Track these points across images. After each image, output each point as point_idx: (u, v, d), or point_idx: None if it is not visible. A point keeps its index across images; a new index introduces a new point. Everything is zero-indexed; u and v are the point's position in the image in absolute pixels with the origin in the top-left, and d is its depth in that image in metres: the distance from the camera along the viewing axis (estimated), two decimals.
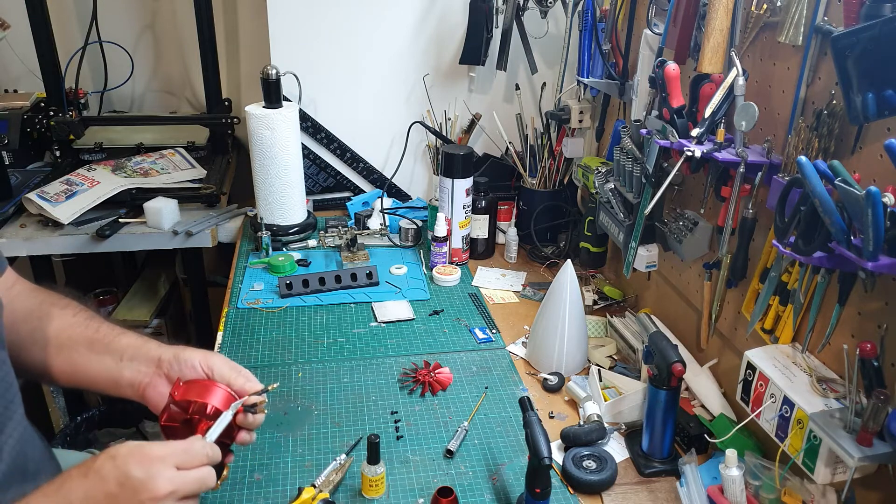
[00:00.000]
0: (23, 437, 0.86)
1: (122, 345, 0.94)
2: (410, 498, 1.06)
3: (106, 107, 2.41)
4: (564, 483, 1.10)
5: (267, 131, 1.74)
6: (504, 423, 1.23)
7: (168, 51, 2.44)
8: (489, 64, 1.92)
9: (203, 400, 0.85)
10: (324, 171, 2.05)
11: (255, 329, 1.49)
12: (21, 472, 0.84)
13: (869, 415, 0.83)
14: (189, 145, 2.20)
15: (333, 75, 1.95)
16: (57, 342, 0.95)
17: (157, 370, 0.91)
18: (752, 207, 1.10)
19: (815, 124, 0.95)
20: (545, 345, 1.37)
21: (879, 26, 0.81)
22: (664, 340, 1.11)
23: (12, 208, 1.86)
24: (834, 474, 0.90)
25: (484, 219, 1.82)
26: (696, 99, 1.18)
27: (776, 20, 1.03)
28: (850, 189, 0.80)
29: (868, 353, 0.85)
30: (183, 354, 0.91)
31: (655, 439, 1.13)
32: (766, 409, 0.99)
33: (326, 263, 1.78)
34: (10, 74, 2.32)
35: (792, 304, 1.03)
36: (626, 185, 1.39)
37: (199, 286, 2.12)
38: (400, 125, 1.98)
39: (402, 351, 1.44)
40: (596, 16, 1.63)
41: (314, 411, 1.25)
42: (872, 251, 0.78)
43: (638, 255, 1.40)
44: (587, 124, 1.78)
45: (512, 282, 1.73)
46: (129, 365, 0.92)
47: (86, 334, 0.96)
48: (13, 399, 0.85)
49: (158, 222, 1.83)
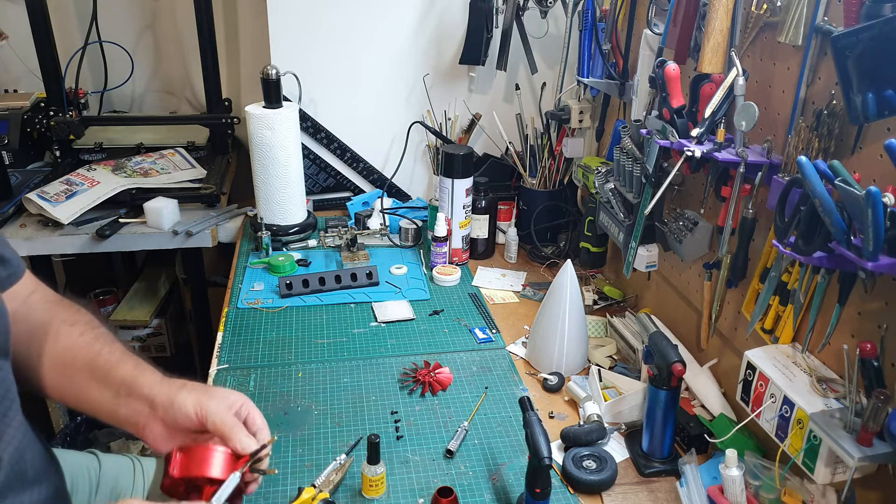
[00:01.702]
0: (22, 443, 0.85)
1: (119, 377, 0.89)
2: (410, 498, 1.06)
3: (106, 107, 2.41)
4: (564, 483, 1.10)
5: (267, 131, 1.74)
6: (504, 423, 1.23)
7: (168, 51, 2.44)
8: (489, 64, 1.91)
9: (203, 473, 0.80)
10: (324, 171, 2.05)
11: (255, 329, 1.49)
12: (20, 479, 0.83)
13: (869, 415, 0.83)
14: (189, 145, 2.20)
15: (333, 75, 1.95)
16: (62, 362, 0.92)
17: (151, 412, 0.85)
18: (752, 207, 1.10)
19: (815, 124, 0.95)
20: (545, 345, 1.37)
21: (879, 26, 0.81)
22: (664, 340, 1.11)
23: (12, 208, 1.86)
24: (834, 474, 0.90)
25: (484, 219, 1.82)
26: (696, 99, 1.18)
27: (776, 20, 1.03)
28: (850, 189, 0.80)
29: (868, 353, 0.85)
30: (177, 399, 0.84)
31: (655, 439, 1.13)
32: (766, 409, 0.99)
33: (326, 263, 1.78)
34: (10, 74, 2.32)
35: (792, 304, 1.03)
36: (626, 185, 1.39)
37: (199, 286, 2.12)
38: (400, 125, 1.98)
39: (402, 351, 1.44)
40: (596, 16, 1.63)
41: (314, 411, 1.25)
42: (872, 251, 0.78)
43: (638, 255, 1.40)
44: (587, 124, 1.78)
45: (512, 282, 1.73)
46: (126, 402, 0.87)
47: (89, 358, 0.91)
48: (11, 406, 0.84)
49: (158, 222, 1.83)
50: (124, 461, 1.21)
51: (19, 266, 0.97)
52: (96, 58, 2.30)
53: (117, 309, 2.28)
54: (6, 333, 0.85)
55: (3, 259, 0.94)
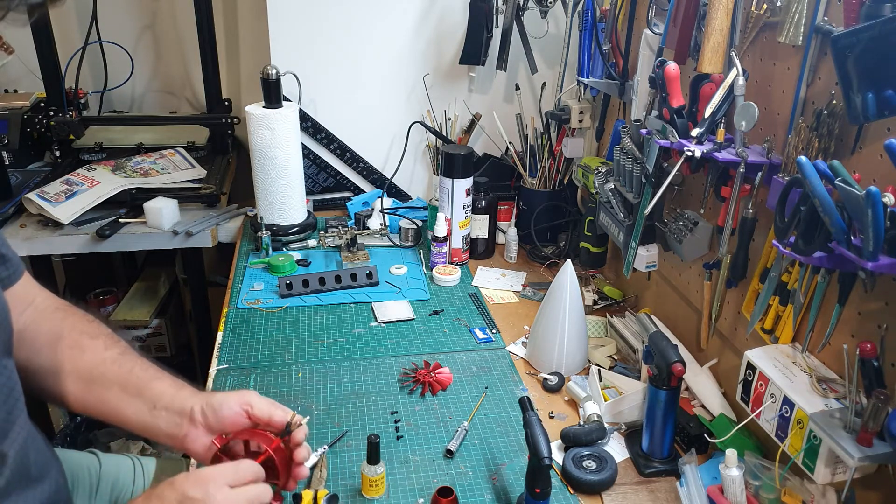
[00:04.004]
0: (26, 441, 0.85)
1: (156, 392, 0.93)
2: (410, 498, 1.06)
3: (106, 107, 2.41)
4: (564, 483, 1.10)
5: (267, 131, 1.74)
6: (504, 423, 1.23)
7: (168, 51, 2.44)
8: (489, 64, 1.91)
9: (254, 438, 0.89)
10: (324, 171, 2.05)
11: (255, 329, 1.49)
12: (25, 476, 0.84)
13: (869, 415, 0.83)
14: (189, 145, 2.20)
15: (333, 75, 1.95)
16: (89, 377, 0.94)
17: (189, 422, 0.90)
18: (752, 207, 1.10)
19: (815, 124, 0.95)
20: (545, 345, 1.37)
21: (879, 26, 0.81)
22: (664, 340, 1.11)
23: (12, 208, 1.86)
24: (834, 474, 0.90)
25: (484, 219, 1.82)
26: (696, 99, 1.18)
27: (776, 20, 1.03)
28: (850, 189, 0.80)
29: (868, 353, 0.85)
30: (214, 400, 0.91)
31: (655, 439, 1.13)
32: (766, 409, 0.99)
33: (326, 263, 1.78)
34: (10, 74, 2.32)
35: (792, 304, 1.03)
36: (626, 185, 1.39)
37: (199, 286, 2.12)
38: (400, 125, 1.98)
39: (402, 351, 1.44)
40: (596, 16, 1.63)
41: (314, 411, 1.25)
42: (872, 251, 0.78)
43: (638, 255, 1.39)
44: (587, 124, 1.78)
45: (512, 282, 1.73)
46: (164, 415, 0.91)
47: (120, 374, 0.94)
48: (15, 404, 0.84)
49: (158, 222, 1.83)
50: (124, 461, 1.21)
51: (19, 265, 0.98)
52: (96, 58, 2.30)
53: (117, 309, 2.28)
54: (9, 331, 0.86)
55: (4, 257, 0.94)
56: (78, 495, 1.09)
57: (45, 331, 0.96)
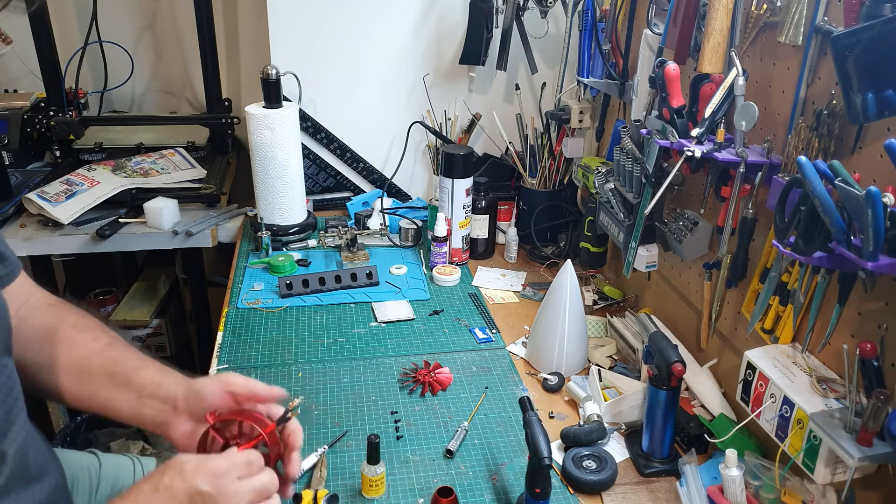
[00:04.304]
0: (25, 440, 0.85)
1: (142, 380, 0.92)
2: (410, 498, 1.06)
3: (106, 107, 2.41)
4: (564, 483, 1.10)
5: (267, 131, 1.74)
6: (504, 423, 1.23)
7: (168, 51, 2.44)
8: (489, 64, 1.91)
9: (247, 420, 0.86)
10: (324, 171, 2.05)
11: (255, 329, 1.49)
12: (24, 475, 0.84)
13: (869, 415, 0.83)
14: (189, 145, 2.20)
15: (333, 75, 1.95)
16: (79, 370, 0.94)
17: (173, 409, 0.90)
18: (752, 207, 1.10)
19: (815, 124, 0.95)
20: (545, 345, 1.37)
21: (879, 26, 0.81)
22: (664, 340, 1.11)
23: (12, 208, 1.86)
24: (834, 474, 0.90)
25: (484, 219, 1.82)
26: (696, 99, 1.18)
27: (776, 20, 1.03)
28: (850, 189, 0.80)
29: (868, 353, 0.85)
30: (197, 385, 0.89)
31: (655, 439, 1.13)
32: (766, 409, 0.99)
33: (326, 263, 1.78)
34: (10, 74, 2.32)
35: (792, 304, 1.03)
36: (626, 185, 1.39)
37: (199, 286, 2.12)
38: (400, 125, 1.98)
39: (402, 351, 1.44)
40: (596, 16, 1.63)
41: (314, 411, 1.25)
42: (872, 251, 0.78)
43: (638, 255, 1.39)
44: (587, 124, 1.78)
45: (512, 282, 1.73)
46: (149, 403, 0.90)
47: (106, 365, 0.94)
48: (15, 403, 0.84)
49: (158, 222, 1.83)
50: (124, 461, 1.21)
51: (17, 264, 0.98)
52: (96, 58, 2.30)
53: (117, 309, 2.28)
54: (8, 330, 0.86)
55: (2, 256, 0.94)
56: (78, 495, 1.09)
57: (38, 325, 0.96)
